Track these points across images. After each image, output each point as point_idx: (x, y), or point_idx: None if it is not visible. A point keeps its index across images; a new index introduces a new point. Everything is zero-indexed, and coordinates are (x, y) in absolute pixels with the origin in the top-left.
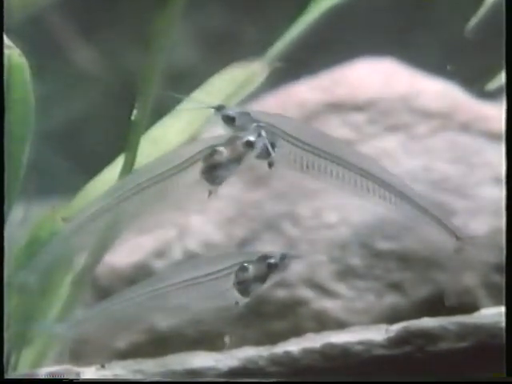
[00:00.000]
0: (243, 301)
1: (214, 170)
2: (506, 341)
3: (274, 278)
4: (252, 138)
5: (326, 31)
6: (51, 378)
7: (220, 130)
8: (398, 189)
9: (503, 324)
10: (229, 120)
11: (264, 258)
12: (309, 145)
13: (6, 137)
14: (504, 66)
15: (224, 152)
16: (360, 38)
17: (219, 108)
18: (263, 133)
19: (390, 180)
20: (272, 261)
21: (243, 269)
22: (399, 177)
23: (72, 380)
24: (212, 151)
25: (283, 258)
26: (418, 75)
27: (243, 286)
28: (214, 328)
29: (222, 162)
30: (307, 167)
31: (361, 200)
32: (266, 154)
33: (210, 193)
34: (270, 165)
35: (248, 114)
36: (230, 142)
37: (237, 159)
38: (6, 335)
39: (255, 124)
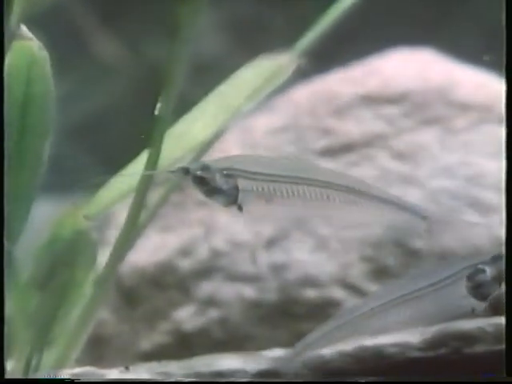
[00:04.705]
0: (481, 306)
1: None
2: (505, 341)
3: None
4: None
5: (358, 20)
6: (52, 378)
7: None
8: (357, 189)
9: None
10: (198, 180)
11: (499, 257)
12: (267, 174)
13: (26, 131)
14: (504, 64)
15: None
16: (394, 26)
17: (185, 172)
18: None
19: (348, 183)
20: None
21: (479, 271)
22: (355, 177)
23: (73, 380)
24: None
25: None
26: (456, 66)
27: (480, 291)
28: (241, 329)
29: None
30: (271, 196)
31: (328, 211)
32: (232, 201)
33: None
34: (240, 208)
35: (208, 166)
36: None
37: None
38: (27, 336)
39: (223, 172)
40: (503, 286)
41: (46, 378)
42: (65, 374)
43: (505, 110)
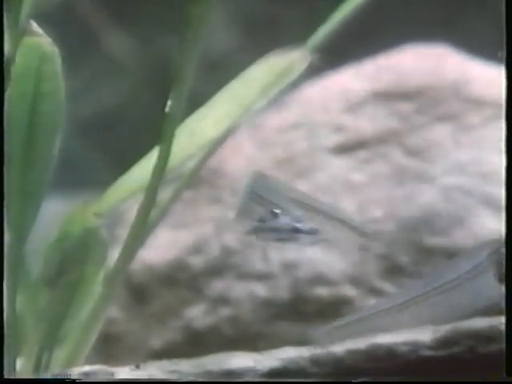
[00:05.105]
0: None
1: None
2: (505, 341)
3: None
4: None
5: (371, 15)
6: (52, 377)
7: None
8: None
9: None
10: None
11: None
12: None
13: (36, 129)
14: (504, 61)
15: None
16: (408, 22)
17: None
18: None
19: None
20: None
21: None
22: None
23: (74, 380)
24: None
25: None
26: (470, 62)
27: None
28: (252, 327)
29: None
30: None
31: None
32: None
33: None
34: None
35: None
36: None
37: None
38: (37, 334)
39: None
40: None
41: (46, 378)
42: (74, 372)
43: (505, 108)
